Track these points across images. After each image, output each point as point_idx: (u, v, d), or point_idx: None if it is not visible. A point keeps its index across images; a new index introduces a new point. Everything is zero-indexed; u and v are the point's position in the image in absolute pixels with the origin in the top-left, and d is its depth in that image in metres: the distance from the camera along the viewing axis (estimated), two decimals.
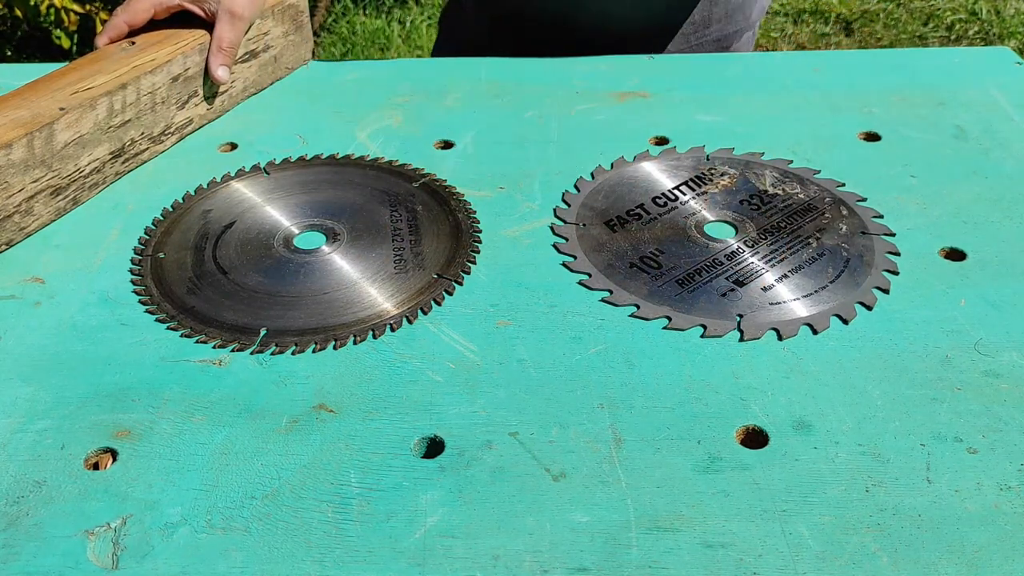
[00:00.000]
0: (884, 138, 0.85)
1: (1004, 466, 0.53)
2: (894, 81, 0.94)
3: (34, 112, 0.73)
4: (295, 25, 0.97)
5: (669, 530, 0.50)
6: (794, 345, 0.62)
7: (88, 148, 0.76)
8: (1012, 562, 0.48)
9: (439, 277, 0.68)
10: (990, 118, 0.87)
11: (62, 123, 0.73)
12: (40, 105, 0.74)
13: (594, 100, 0.91)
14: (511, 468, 0.54)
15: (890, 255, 0.70)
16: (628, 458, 0.54)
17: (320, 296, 0.67)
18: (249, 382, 0.60)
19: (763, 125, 0.87)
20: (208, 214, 0.76)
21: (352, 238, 0.72)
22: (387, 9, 2.89)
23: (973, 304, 0.65)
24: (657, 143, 0.84)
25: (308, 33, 0.99)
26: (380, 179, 0.80)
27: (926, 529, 0.50)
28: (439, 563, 0.49)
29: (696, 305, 0.65)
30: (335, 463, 0.54)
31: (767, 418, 0.57)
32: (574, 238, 0.72)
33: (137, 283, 0.68)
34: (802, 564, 0.48)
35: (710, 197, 0.76)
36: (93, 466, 0.54)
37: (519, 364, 0.61)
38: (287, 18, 0.95)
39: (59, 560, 0.49)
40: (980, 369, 0.60)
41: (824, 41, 2.70)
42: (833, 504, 0.51)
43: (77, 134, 0.74)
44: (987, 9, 2.79)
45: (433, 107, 0.91)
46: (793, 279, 0.67)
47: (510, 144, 0.85)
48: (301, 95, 0.94)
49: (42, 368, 0.61)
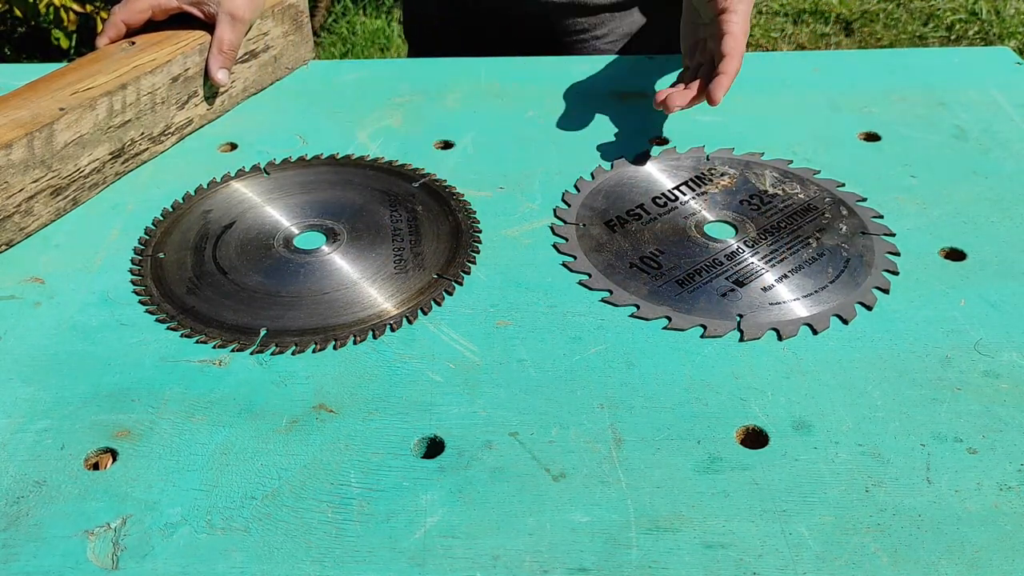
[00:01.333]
0: (884, 138, 0.85)
1: (1004, 466, 0.53)
2: (894, 81, 0.94)
3: (34, 112, 0.73)
4: (295, 25, 0.97)
5: (669, 530, 0.50)
6: (794, 345, 0.62)
7: (88, 148, 0.76)
8: (1012, 562, 0.48)
9: (439, 277, 0.68)
10: (990, 118, 0.87)
11: (62, 123, 0.73)
12: (40, 105, 0.74)
13: (594, 100, 0.91)
14: (511, 468, 0.54)
15: (890, 255, 0.70)
16: (628, 458, 0.54)
17: (320, 296, 0.67)
18: (249, 382, 0.60)
19: (763, 125, 0.87)
20: (208, 214, 0.76)
21: (352, 238, 0.72)
22: (387, 9, 2.89)
23: (973, 304, 0.65)
24: (657, 143, 0.85)
25: (308, 33, 0.99)
26: (380, 179, 0.80)
27: (926, 529, 0.50)
28: (439, 563, 0.49)
29: (696, 305, 0.65)
30: (335, 463, 0.54)
31: (767, 418, 0.57)
32: (574, 238, 0.72)
33: (137, 283, 0.68)
34: (802, 564, 0.48)
35: (710, 197, 0.76)
36: (93, 466, 0.54)
37: (519, 364, 0.61)
38: (287, 18, 0.95)
39: (59, 560, 0.49)
40: (980, 369, 0.60)
41: (824, 41, 2.71)
42: (833, 504, 0.51)
43: (77, 134, 0.74)
44: (987, 9, 2.79)
45: (433, 107, 0.91)
46: (793, 279, 0.67)
47: (510, 144, 0.85)
48: (301, 95, 0.94)
49: (42, 368, 0.61)
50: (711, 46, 0.78)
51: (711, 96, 0.74)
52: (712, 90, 0.73)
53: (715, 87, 0.73)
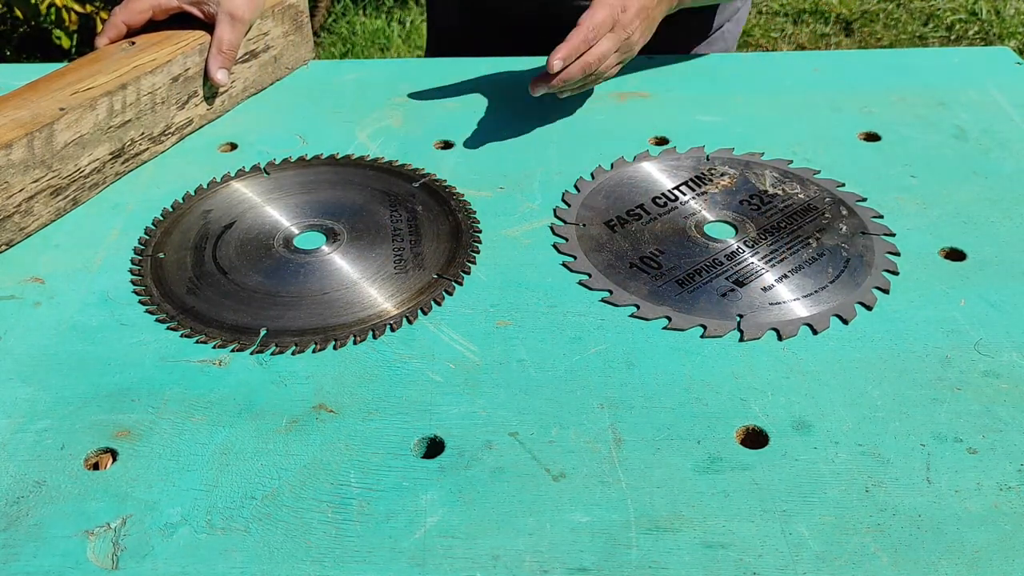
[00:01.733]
0: (884, 138, 0.85)
1: (1004, 466, 0.53)
2: (894, 81, 0.94)
3: (34, 112, 0.73)
4: (295, 25, 0.97)
5: (669, 530, 0.50)
6: (794, 345, 0.62)
7: (88, 148, 0.76)
8: (1012, 562, 0.48)
9: (439, 277, 0.68)
10: (990, 118, 0.87)
11: (62, 123, 0.73)
12: (40, 105, 0.74)
13: (594, 100, 0.91)
14: (511, 468, 0.54)
15: (890, 255, 0.70)
16: (628, 458, 0.54)
17: (320, 296, 0.67)
18: (249, 382, 0.60)
19: (763, 125, 0.87)
20: (208, 214, 0.76)
21: (352, 238, 0.72)
22: (387, 9, 2.89)
23: (973, 304, 0.65)
24: (657, 143, 0.85)
25: (308, 33, 1.00)
26: (380, 179, 0.80)
27: (926, 529, 0.50)
28: (439, 563, 0.49)
29: (696, 305, 0.65)
30: (335, 463, 0.54)
31: (767, 418, 0.57)
32: (574, 238, 0.72)
33: (137, 283, 0.68)
34: (802, 564, 0.48)
35: (710, 197, 0.76)
36: (93, 466, 0.54)
37: (519, 364, 0.61)
38: (287, 18, 0.95)
39: (59, 560, 0.49)
40: (980, 369, 0.60)
41: (824, 41, 2.70)
42: (833, 504, 0.51)
43: (77, 134, 0.74)
44: (987, 9, 2.79)
45: (433, 107, 0.91)
46: (793, 279, 0.67)
47: (510, 144, 0.85)
48: (301, 95, 0.94)
49: (42, 368, 0.61)
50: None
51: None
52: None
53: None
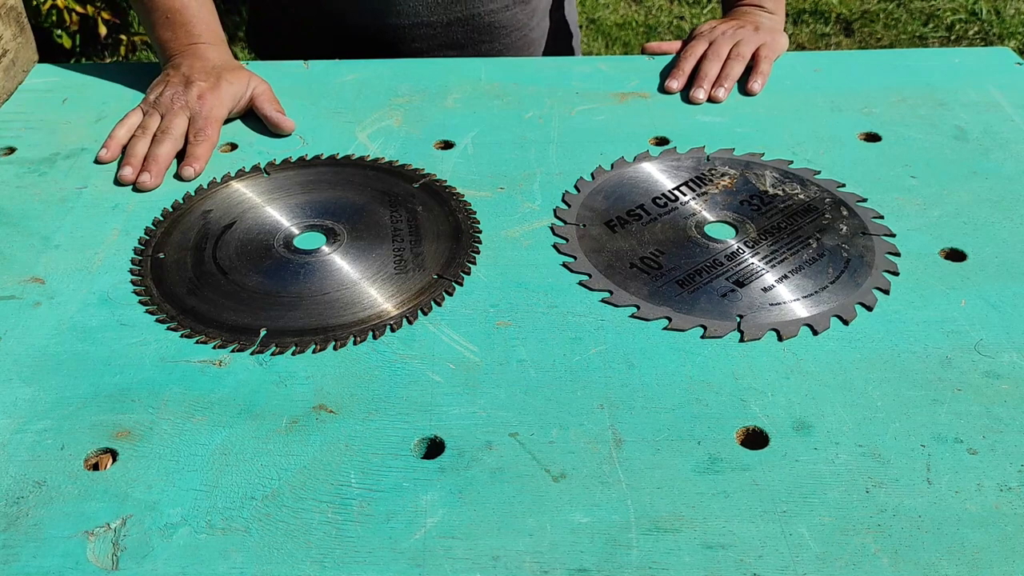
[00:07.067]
0: (884, 138, 0.85)
1: (1004, 467, 0.53)
2: (894, 81, 0.94)
3: None
4: (19, 27, 0.93)
5: (669, 531, 0.50)
6: (794, 346, 0.62)
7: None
8: (1012, 563, 0.48)
9: (439, 277, 0.68)
10: (990, 118, 0.87)
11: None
12: None
13: (594, 100, 0.91)
14: (511, 469, 0.54)
15: (890, 256, 0.70)
16: (628, 459, 0.54)
17: (320, 296, 0.67)
18: (249, 382, 0.60)
19: (763, 125, 0.87)
20: (208, 214, 0.76)
21: (352, 238, 0.72)
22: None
23: (973, 305, 0.65)
24: (657, 143, 0.85)
25: (31, 34, 0.96)
26: (380, 179, 0.80)
27: (926, 530, 0.50)
28: (439, 564, 0.48)
29: (696, 306, 0.65)
30: (335, 464, 0.54)
31: (767, 419, 0.57)
32: (574, 238, 0.72)
33: (137, 283, 0.68)
34: (802, 565, 0.48)
35: (710, 198, 0.76)
36: (93, 466, 0.54)
37: (519, 364, 0.61)
38: (11, 20, 0.92)
39: (59, 561, 0.49)
40: (980, 370, 0.60)
41: (824, 41, 2.70)
42: (833, 505, 0.51)
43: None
44: (987, 9, 2.79)
45: (433, 107, 0.91)
46: (793, 280, 0.67)
47: (510, 144, 0.84)
48: (301, 95, 0.94)
49: (42, 368, 0.61)
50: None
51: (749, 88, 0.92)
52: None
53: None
